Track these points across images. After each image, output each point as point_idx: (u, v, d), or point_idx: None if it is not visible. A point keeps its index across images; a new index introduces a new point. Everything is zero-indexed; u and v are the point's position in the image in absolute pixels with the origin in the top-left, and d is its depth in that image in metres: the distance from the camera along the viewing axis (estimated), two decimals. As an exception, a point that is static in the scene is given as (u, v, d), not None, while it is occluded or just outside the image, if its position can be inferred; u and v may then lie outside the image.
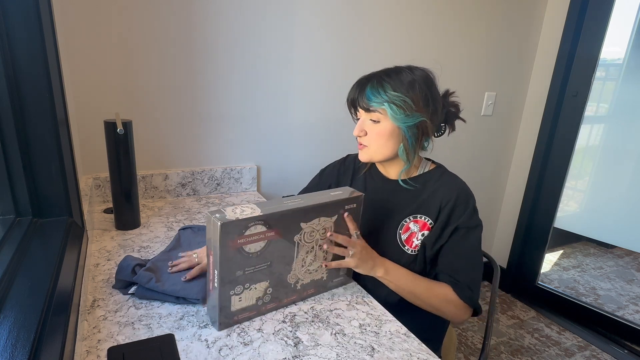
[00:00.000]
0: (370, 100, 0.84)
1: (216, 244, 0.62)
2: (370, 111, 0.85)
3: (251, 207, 0.67)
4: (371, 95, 0.84)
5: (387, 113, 0.83)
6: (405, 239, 0.89)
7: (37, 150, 0.74)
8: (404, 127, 0.84)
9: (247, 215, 0.64)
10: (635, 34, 1.75)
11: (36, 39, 0.69)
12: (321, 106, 1.53)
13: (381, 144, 0.87)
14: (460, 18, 1.73)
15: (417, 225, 0.88)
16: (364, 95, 0.86)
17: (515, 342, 1.85)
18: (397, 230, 0.90)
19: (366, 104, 0.85)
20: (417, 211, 0.89)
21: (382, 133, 0.86)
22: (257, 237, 0.66)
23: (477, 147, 2.03)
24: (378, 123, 0.86)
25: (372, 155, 0.90)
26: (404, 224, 0.89)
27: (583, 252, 2.64)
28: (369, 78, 0.87)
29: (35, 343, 0.44)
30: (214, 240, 0.63)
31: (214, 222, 0.62)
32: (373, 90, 0.84)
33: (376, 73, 0.87)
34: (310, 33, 1.44)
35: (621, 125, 1.86)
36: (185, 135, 1.34)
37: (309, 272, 0.78)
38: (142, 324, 0.69)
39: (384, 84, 0.84)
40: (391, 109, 0.82)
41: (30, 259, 0.64)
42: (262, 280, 0.71)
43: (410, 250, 0.88)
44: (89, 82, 1.17)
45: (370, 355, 0.66)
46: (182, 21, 1.23)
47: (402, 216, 0.90)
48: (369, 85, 0.85)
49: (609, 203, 1.93)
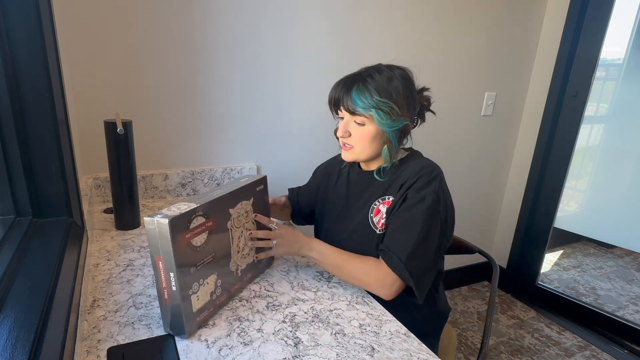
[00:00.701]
0: (357, 105, 0.84)
1: (167, 245, 0.61)
2: (355, 114, 0.85)
3: (185, 204, 0.67)
4: (358, 100, 0.84)
5: (374, 118, 0.84)
6: (376, 221, 0.90)
7: (37, 150, 0.74)
8: (389, 131, 0.85)
9: (186, 209, 0.64)
10: (635, 34, 1.75)
11: (36, 39, 0.69)
12: (321, 106, 1.52)
13: (366, 145, 0.88)
14: (460, 18, 1.73)
15: (385, 206, 0.89)
16: (349, 99, 0.85)
17: (515, 342, 1.85)
18: (369, 214, 0.91)
19: (352, 108, 0.85)
20: (385, 193, 0.90)
21: (366, 136, 0.87)
22: (200, 229, 0.67)
23: (477, 147, 2.03)
24: (362, 126, 0.86)
25: (357, 156, 0.91)
26: (374, 206, 0.91)
27: (583, 252, 2.64)
28: (354, 80, 0.86)
29: (35, 343, 0.44)
30: (163, 243, 0.61)
31: (160, 222, 0.61)
32: (359, 94, 0.84)
33: (359, 74, 0.87)
34: (310, 33, 1.44)
35: (621, 125, 1.86)
36: (185, 135, 1.34)
37: (243, 256, 0.81)
38: (142, 324, 0.69)
39: (369, 88, 0.83)
40: (378, 114, 0.83)
41: (30, 259, 0.64)
42: (212, 274, 0.71)
43: (379, 230, 0.89)
44: (89, 82, 1.17)
45: (370, 355, 0.66)
46: (182, 21, 1.23)
47: (373, 200, 0.91)
48: (355, 89, 0.85)
49: (609, 203, 1.93)
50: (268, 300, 0.79)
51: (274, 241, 0.85)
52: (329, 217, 1.03)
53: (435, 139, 1.87)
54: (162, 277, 0.64)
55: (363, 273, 0.82)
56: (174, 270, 0.62)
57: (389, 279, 0.80)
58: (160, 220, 0.61)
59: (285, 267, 0.93)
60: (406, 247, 0.79)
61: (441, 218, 0.83)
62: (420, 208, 0.82)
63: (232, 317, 0.73)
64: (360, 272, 0.82)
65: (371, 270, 0.82)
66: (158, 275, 0.64)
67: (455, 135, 1.93)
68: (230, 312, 0.74)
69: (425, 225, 0.81)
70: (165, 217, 0.61)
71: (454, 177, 1.98)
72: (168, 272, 0.63)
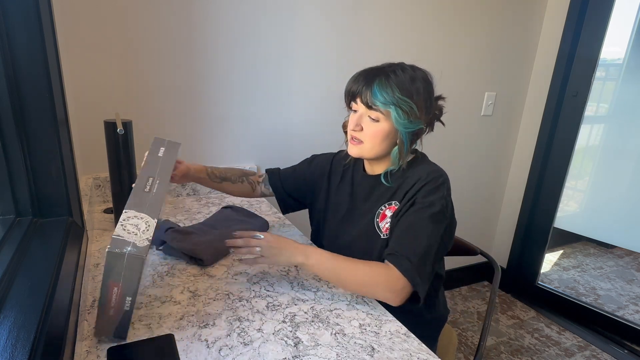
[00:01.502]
0: (377, 99, 0.81)
1: (134, 277, 0.57)
2: (373, 109, 0.82)
3: (140, 219, 0.63)
4: (379, 94, 0.81)
5: (391, 116, 0.81)
6: (382, 227, 0.88)
7: (37, 150, 0.74)
8: (403, 132, 0.83)
9: (147, 231, 0.61)
10: (635, 34, 1.75)
11: (36, 39, 0.69)
12: (321, 106, 1.53)
13: (376, 143, 0.85)
14: (461, 18, 1.73)
15: (391, 211, 0.87)
16: (369, 91, 0.82)
17: (515, 342, 1.85)
18: (375, 219, 0.89)
19: (370, 101, 0.82)
20: (392, 197, 0.88)
21: (378, 133, 0.84)
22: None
23: (477, 147, 2.03)
24: (376, 122, 0.83)
25: (364, 152, 0.87)
26: (380, 212, 0.89)
27: (583, 252, 2.64)
28: (376, 74, 0.83)
29: (35, 343, 0.44)
30: (129, 274, 0.57)
31: (132, 256, 0.56)
32: (381, 88, 0.81)
33: (382, 68, 0.84)
34: (310, 33, 1.44)
35: (621, 125, 1.86)
36: (186, 135, 1.34)
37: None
38: (142, 324, 0.69)
39: (392, 84, 0.80)
40: (397, 112, 0.80)
41: (30, 259, 0.64)
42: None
43: (383, 235, 0.87)
44: (89, 82, 1.17)
45: (370, 355, 0.66)
46: (182, 21, 1.23)
47: (379, 205, 0.90)
48: (377, 82, 0.81)
49: (609, 203, 1.93)
50: (268, 300, 0.79)
51: (258, 249, 0.78)
52: (332, 218, 1.00)
53: (435, 139, 1.86)
54: (113, 300, 0.59)
55: (369, 278, 0.76)
56: (133, 295, 0.59)
57: (399, 283, 0.75)
58: (132, 254, 0.56)
59: (285, 267, 0.93)
60: (417, 252, 0.77)
61: (446, 225, 0.82)
62: (428, 213, 0.80)
63: (232, 317, 0.73)
64: (366, 276, 0.76)
65: (379, 274, 0.76)
66: (107, 298, 0.59)
67: (455, 135, 1.93)
68: (230, 312, 0.74)
69: (434, 231, 0.79)
70: (136, 249, 0.56)
71: (453, 176, 1.96)
72: (124, 297, 0.59)
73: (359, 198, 0.96)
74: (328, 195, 1.03)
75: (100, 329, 0.63)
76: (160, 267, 0.89)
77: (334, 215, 1.00)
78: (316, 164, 1.08)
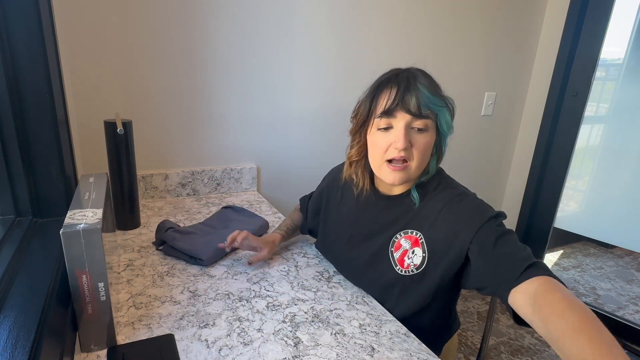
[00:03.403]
0: (430, 102, 0.70)
1: (98, 254, 0.55)
2: (422, 117, 0.70)
3: (83, 212, 0.61)
4: (431, 96, 0.70)
5: (440, 119, 0.71)
6: (398, 258, 0.78)
7: (37, 150, 0.74)
8: (446, 136, 0.74)
9: (93, 216, 0.59)
10: (635, 34, 1.75)
11: (36, 39, 0.69)
12: (322, 107, 1.53)
13: (425, 157, 0.73)
14: (461, 18, 1.73)
15: (408, 241, 0.77)
16: (417, 95, 0.69)
17: (515, 342, 1.85)
18: (389, 248, 0.79)
19: (423, 107, 0.69)
20: (408, 225, 0.77)
21: (428, 145, 0.72)
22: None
23: (477, 147, 2.03)
24: (424, 132, 0.71)
25: (411, 174, 0.74)
26: (395, 240, 0.78)
27: (583, 252, 2.64)
28: (406, 76, 0.72)
29: (35, 343, 0.44)
30: (92, 252, 0.55)
31: (87, 231, 0.54)
32: (428, 88, 0.70)
33: (404, 71, 0.74)
34: (311, 33, 1.44)
35: (621, 125, 1.86)
36: (185, 135, 1.34)
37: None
38: (142, 324, 0.69)
39: (431, 84, 0.71)
40: (448, 114, 0.72)
41: (30, 259, 0.64)
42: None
43: (402, 270, 0.76)
44: (89, 82, 1.17)
45: (370, 355, 0.66)
46: (182, 21, 1.23)
47: (393, 232, 0.79)
48: (419, 84, 0.70)
49: (609, 203, 1.93)
50: (268, 300, 0.79)
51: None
52: (336, 240, 0.90)
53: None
54: (86, 292, 0.57)
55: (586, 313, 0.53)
56: (104, 279, 0.57)
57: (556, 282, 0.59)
58: (86, 228, 0.54)
59: (285, 268, 0.93)
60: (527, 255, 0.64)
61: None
62: (500, 232, 0.68)
63: (232, 317, 0.73)
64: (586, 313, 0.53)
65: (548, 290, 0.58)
66: (80, 292, 0.57)
67: (455, 135, 1.92)
68: (230, 312, 0.74)
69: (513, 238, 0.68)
70: (88, 225, 0.55)
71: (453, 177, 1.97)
72: (95, 284, 0.57)
73: (366, 221, 0.84)
74: (328, 212, 0.94)
75: (85, 337, 0.60)
76: (160, 267, 0.89)
77: (337, 238, 0.90)
78: (328, 178, 1.00)
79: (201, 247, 0.92)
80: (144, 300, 0.76)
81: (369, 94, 0.76)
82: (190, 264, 0.91)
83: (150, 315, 0.72)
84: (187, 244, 0.93)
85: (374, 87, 0.75)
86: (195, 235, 0.99)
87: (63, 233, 0.54)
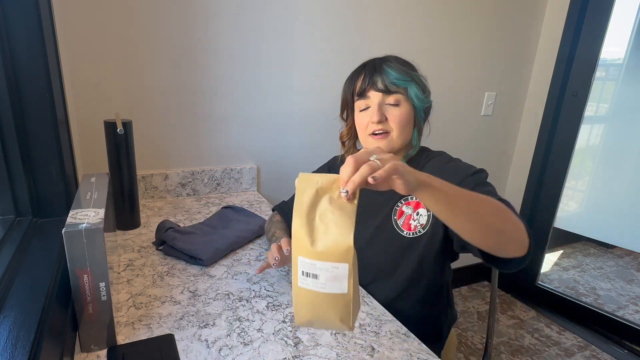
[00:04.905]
0: (395, 78, 0.80)
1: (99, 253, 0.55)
2: (392, 93, 0.80)
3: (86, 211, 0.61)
4: (395, 73, 0.80)
5: (410, 93, 0.81)
6: (402, 224, 0.84)
7: (37, 150, 0.74)
8: (421, 109, 0.83)
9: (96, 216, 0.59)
10: (635, 34, 1.75)
11: (36, 39, 0.69)
12: (322, 107, 1.53)
13: (402, 128, 0.82)
14: (461, 18, 1.73)
15: (409, 207, 0.84)
16: (383, 75, 0.80)
17: (515, 342, 1.85)
18: (392, 217, 0.86)
19: (389, 84, 0.80)
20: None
21: (404, 116, 0.81)
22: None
23: (477, 147, 2.03)
24: (397, 106, 0.81)
25: (393, 143, 0.83)
26: (396, 208, 0.86)
27: (583, 252, 2.64)
28: (375, 62, 0.83)
29: (35, 343, 0.44)
30: (94, 252, 0.55)
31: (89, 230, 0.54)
32: (393, 69, 0.80)
33: (374, 59, 0.85)
34: (311, 33, 1.44)
35: (621, 125, 1.86)
36: (185, 135, 1.34)
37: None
38: (142, 324, 0.69)
39: (398, 63, 0.82)
40: (416, 88, 0.81)
41: (30, 259, 0.64)
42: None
43: (410, 233, 0.84)
44: (89, 82, 1.17)
45: (370, 355, 0.66)
46: (182, 21, 1.23)
47: (394, 201, 0.86)
48: (385, 66, 0.81)
49: (609, 203, 1.93)
50: (268, 300, 0.79)
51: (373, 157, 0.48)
52: None
53: (435, 139, 1.86)
54: (87, 292, 0.57)
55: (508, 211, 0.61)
56: (105, 279, 0.57)
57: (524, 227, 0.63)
58: (89, 227, 0.54)
59: (285, 267, 0.93)
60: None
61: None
62: (480, 181, 0.76)
63: (232, 317, 0.73)
64: (504, 208, 0.60)
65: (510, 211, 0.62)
66: (80, 292, 0.57)
67: (455, 135, 1.93)
68: (230, 312, 0.74)
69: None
70: (90, 224, 0.55)
71: (454, 177, 1.97)
72: (97, 284, 0.57)
73: (366, 197, 0.89)
74: None
75: (85, 337, 0.60)
76: (160, 267, 0.89)
77: None
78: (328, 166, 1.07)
79: (201, 247, 0.92)
80: (144, 300, 0.76)
81: (347, 82, 0.89)
82: (190, 264, 0.91)
83: (150, 315, 0.72)
84: (187, 244, 0.93)
85: (351, 76, 0.88)
86: (195, 235, 0.99)
87: (65, 232, 0.54)
